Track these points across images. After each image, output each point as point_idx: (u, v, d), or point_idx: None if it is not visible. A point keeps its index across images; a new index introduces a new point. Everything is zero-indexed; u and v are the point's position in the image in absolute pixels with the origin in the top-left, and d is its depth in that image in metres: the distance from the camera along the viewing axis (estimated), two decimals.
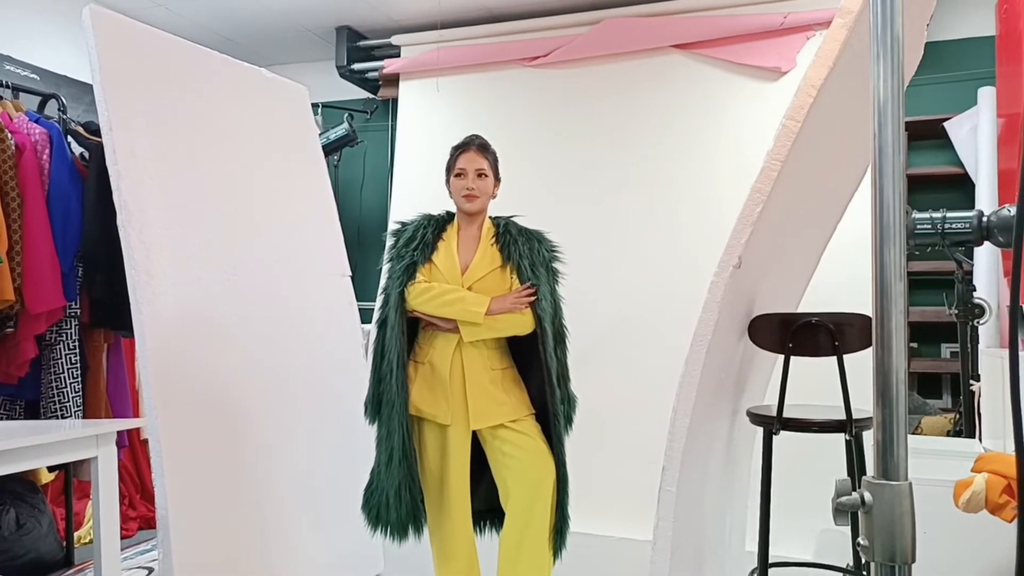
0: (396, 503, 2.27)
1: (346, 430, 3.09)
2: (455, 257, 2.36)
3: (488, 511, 2.46)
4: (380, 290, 2.44)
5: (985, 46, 4.35)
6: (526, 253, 2.33)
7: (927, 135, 4.47)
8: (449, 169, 2.43)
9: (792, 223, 2.22)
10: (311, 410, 2.94)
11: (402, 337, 2.31)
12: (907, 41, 2.03)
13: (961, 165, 4.39)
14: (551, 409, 2.31)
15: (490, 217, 2.46)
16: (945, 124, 4.40)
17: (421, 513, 2.31)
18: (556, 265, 2.40)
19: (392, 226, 2.51)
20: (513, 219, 2.45)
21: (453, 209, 2.46)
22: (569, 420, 2.40)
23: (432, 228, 2.41)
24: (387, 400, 2.31)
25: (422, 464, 2.37)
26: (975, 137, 4.22)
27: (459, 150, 2.42)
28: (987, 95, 4.14)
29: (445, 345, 2.32)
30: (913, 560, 0.89)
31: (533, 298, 2.28)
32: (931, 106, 4.45)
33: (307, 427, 2.90)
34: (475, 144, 2.42)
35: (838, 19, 1.80)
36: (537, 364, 2.32)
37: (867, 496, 0.89)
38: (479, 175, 2.37)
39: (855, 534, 2.07)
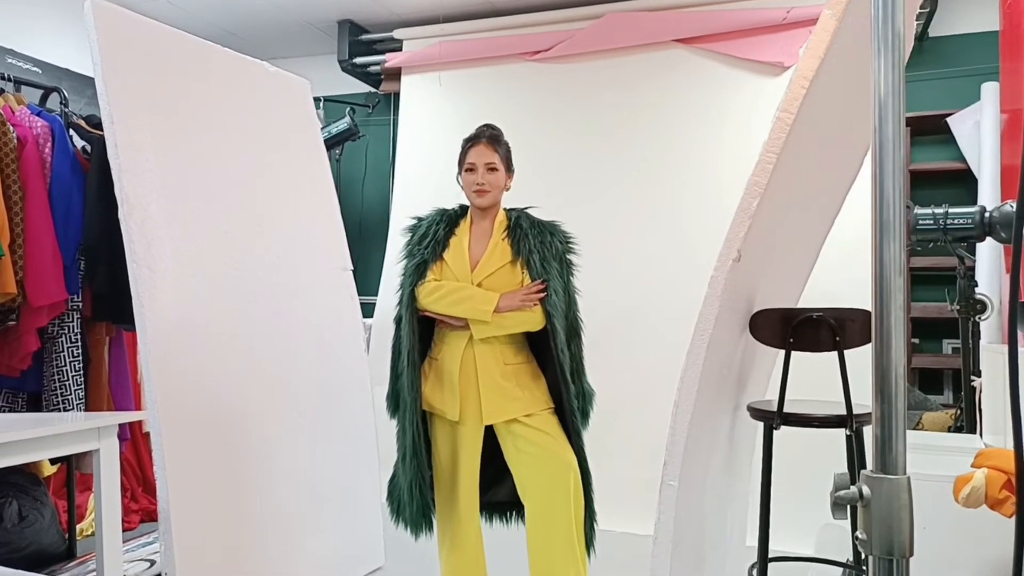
0: (409, 499, 2.29)
1: (347, 422, 3.10)
2: (466, 253, 2.33)
3: (514, 503, 2.44)
4: (397, 288, 2.43)
5: (989, 41, 4.33)
6: (537, 247, 2.29)
7: (930, 130, 4.46)
8: (460, 163, 2.39)
9: (790, 215, 2.21)
10: (312, 403, 2.95)
11: (412, 336, 2.31)
12: None
13: (964, 161, 4.38)
14: (566, 404, 2.29)
15: (504, 209, 2.42)
16: (948, 119, 4.39)
17: (431, 511, 2.33)
18: (571, 257, 2.37)
19: (407, 222, 2.49)
20: (527, 211, 2.41)
21: (467, 202, 2.42)
22: (585, 414, 2.38)
23: (444, 224, 2.39)
24: (402, 397, 2.33)
25: (435, 457, 2.38)
26: (978, 133, 4.20)
27: (469, 143, 2.38)
28: (990, 90, 4.13)
29: (457, 342, 2.31)
30: (911, 554, 0.89)
31: (542, 295, 2.26)
32: (934, 101, 4.43)
33: (308, 420, 2.91)
34: (485, 137, 2.37)
35: (827, 10, 1.80)
36: (552, 358, 2.30)
37: (865, 490, 0.89)
38: (489, 169, 2.33)
39: (854, 528, 2.07)
